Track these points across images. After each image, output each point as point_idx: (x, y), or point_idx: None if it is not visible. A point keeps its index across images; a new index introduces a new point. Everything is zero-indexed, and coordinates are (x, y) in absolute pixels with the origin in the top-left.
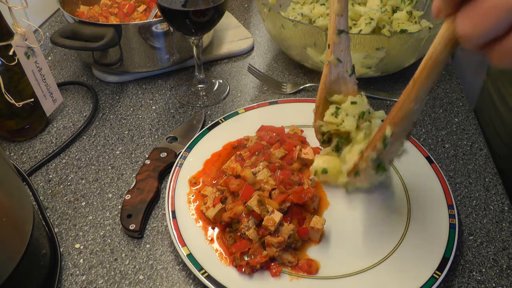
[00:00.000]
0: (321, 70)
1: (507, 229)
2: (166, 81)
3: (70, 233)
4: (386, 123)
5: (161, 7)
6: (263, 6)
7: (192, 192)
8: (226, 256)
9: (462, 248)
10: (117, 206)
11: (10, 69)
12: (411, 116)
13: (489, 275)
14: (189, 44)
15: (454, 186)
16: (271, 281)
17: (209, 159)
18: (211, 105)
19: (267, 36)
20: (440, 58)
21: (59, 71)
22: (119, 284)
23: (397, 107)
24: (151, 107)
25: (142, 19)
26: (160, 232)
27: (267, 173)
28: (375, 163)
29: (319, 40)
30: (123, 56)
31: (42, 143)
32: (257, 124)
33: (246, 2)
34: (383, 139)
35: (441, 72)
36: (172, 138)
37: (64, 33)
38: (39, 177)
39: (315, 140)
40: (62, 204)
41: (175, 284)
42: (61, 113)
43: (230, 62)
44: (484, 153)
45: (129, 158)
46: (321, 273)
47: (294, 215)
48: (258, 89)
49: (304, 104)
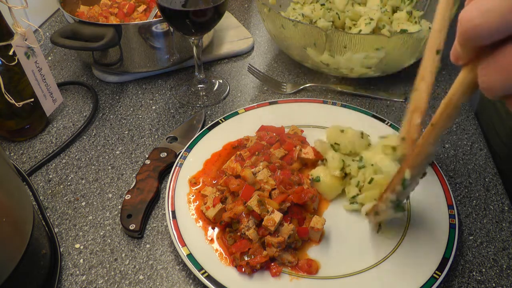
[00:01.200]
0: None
1: (507, 229)
2: (166, 81)
3: (70, 233)
4: (405, 167)
5: (161, 7)
6: (263, 6)
7: (192, 192)
8: (226, 256)
9: (462, 248)
10: (117, 206)
11: (10, 69)
12: (429, 158)
13: (489, 275)
14: (189, 44)
15: (454, 186)
16: (271, 281)
17: (209, 159)
18: (211, 105)
19: (267, 36)
20: (459, 104)
21: (59, 71)
22: (119, 284)
23: (416, 151)
24: (151, 107)
25: (142, 19)
26: (160, 232)
27: (267, 173)
28: (394, 204)
29: (319, 40)
30: (123, 56)
31: (42, 143)
32: (257, 124)
33: (246, 2)
34: (403, 182)
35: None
36: (172, 138)
37: (64, 33)
38: (39, 177)
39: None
40: (62, 204)
41: (175, 284)
42: (61, 113)
43: (230, 62)
44: (484, 153)
45: (129, 158)
46: (321, 273)
47: (294, 215)
48: (258, 89)
49: (304, 104)
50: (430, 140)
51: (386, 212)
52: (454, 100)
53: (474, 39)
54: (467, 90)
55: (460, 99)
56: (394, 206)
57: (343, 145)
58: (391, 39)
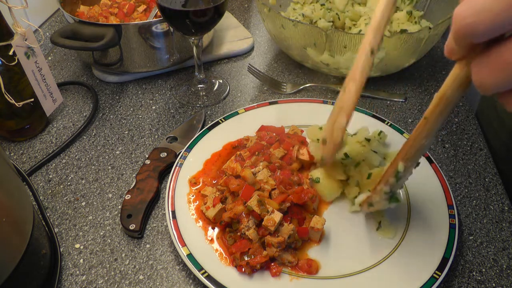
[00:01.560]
0: (321, 70)
1: (507, 229)
2: (166, 81)
3: (70, 233)
4: (398, 159)
5: (161, 7)
6: (263, 6)
7: (192, 192)
8: (226, 256)
9: (462, 248)
10: (117, 206)
11: (10, 69)
12: (422, 151)
13: (489, 275)
14: (189, 44)
15: (454, 186)
16: (271, 281)
17: (209, 159)
18: (211, 105)
19: (267, 36)
20: (452, 99)
21: (59, 71)
22: (119, 284)
23: (408, 144)
24: (151, 107)
25: (142, 19)
26: (160, 232)
27: (267, 173)
28: (388, 196)
29: (319, 40)
30: (123, 56)
31: (42, 143)
32: (257, 124)
33: (246, 2)
34: (396, 174)
35: (452, 110)
36: (172, 138)
37: (64, 33)
38: (39, 177)
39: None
40: (62, 204)
41: (175, 284)
42: (61, 113)
43: (230, 62)
44: (484, 153)
45: (129, 158)
46: (321, 273)
47: (294, 215)
48: (258, 89)
49: (304, 104)
50: (423, 134)
51: (380, 203)
52: (447, 94)
53: (467, 37)
54: (460, 85)
55: (454, 94)
56: (388, 198)
57: None
58: (391, 39)
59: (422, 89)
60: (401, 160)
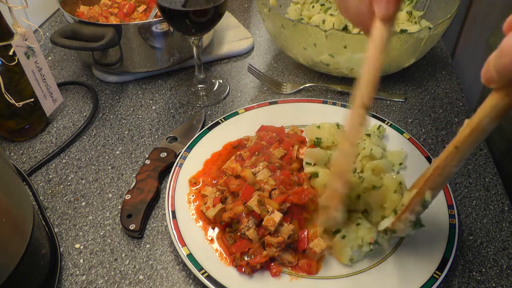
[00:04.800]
0: (321, 70)
1: (507, 229)
2: (166, 81)
3: (70, 233)
4: (425, 188)
5: (161, 7)
6: (263, 6)
7: (192, 192)
8: (226, 256)
9: (462, 248)
10: (117, 206)
11: (10, 69)
12: (450, 178)
13: (489, 275)
14: (189, 44)
15: (454, 186)
16: (271, 281)
17: (209, 159)
18: (211, 105)
19: (267, 36)
20: (489, 129)
21: (59, 71)
22: (119, 284)
23: (437, 172)
24: (151, 107)
25: (142, 19)
26: (160, 232)
27: (267, 173)
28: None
29: (319, 40)
30: (123, 56)
31: (42, 143)
32: (257, 124)
33: (246, 2)
34: (423, 203)
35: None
36: (172, 138)
37: (64, 33)
38: (39, 177)
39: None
40: (62, 204)
41: (175, 284)
42: (61, 113)
43: (230, 62)
44: (484, 153)
45: (129, 158)
46: (321, 273)
47: (294, 215)
48: (258, 89)
49: (304, 104)
50: (453, 163)
51: (405, 230)
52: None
53: None
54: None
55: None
56: (412, 225)
57: (324, 138)
58: (391, 39)
59: (422, 89)
60: (428, 189)
